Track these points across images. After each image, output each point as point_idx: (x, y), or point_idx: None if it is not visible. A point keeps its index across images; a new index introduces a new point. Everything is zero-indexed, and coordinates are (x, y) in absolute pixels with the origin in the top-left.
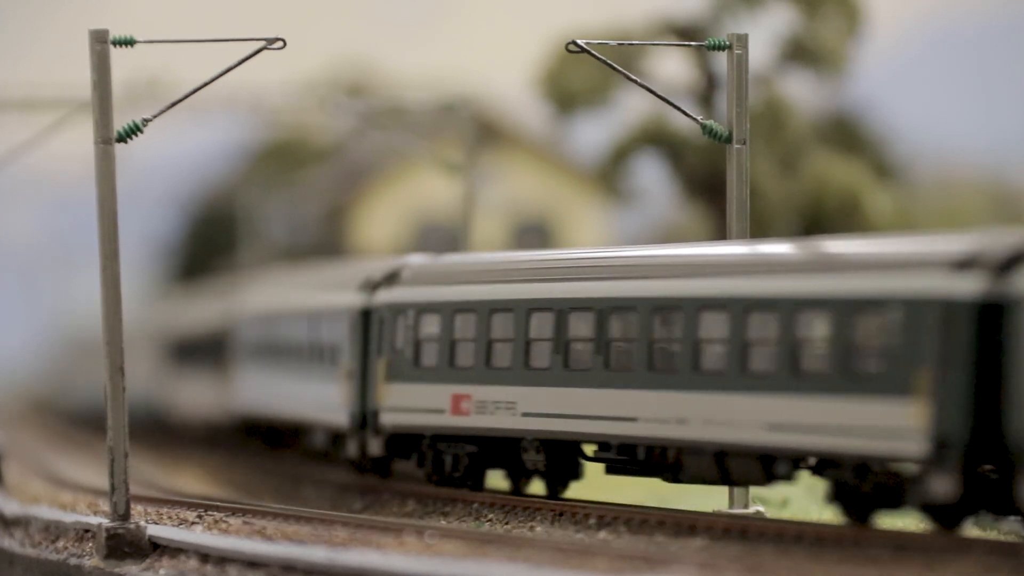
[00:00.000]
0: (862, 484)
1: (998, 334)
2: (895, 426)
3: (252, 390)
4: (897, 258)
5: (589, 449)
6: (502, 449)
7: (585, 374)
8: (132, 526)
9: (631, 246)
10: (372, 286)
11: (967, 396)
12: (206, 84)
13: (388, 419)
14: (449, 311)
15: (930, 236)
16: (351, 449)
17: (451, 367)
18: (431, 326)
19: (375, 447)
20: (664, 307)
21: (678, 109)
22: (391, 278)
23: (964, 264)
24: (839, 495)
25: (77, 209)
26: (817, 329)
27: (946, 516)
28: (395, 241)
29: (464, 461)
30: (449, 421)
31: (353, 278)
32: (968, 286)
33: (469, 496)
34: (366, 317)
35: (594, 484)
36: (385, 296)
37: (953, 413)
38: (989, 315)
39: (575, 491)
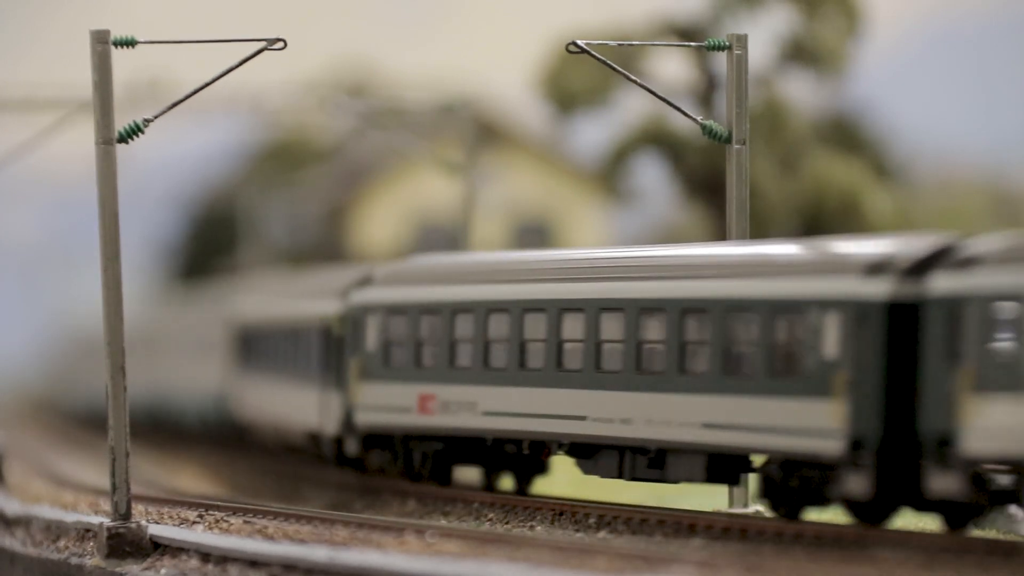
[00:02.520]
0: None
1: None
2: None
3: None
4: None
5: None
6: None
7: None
8: (133, 525)
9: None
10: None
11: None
12: (207, 85)
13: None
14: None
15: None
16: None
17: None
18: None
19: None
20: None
21: (678, 109)
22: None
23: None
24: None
25: (78, 209)
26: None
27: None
28: (395, 241)
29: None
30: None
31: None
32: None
33: (469, 496)
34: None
35: (595, 484)
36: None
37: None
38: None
39: (575, 491)
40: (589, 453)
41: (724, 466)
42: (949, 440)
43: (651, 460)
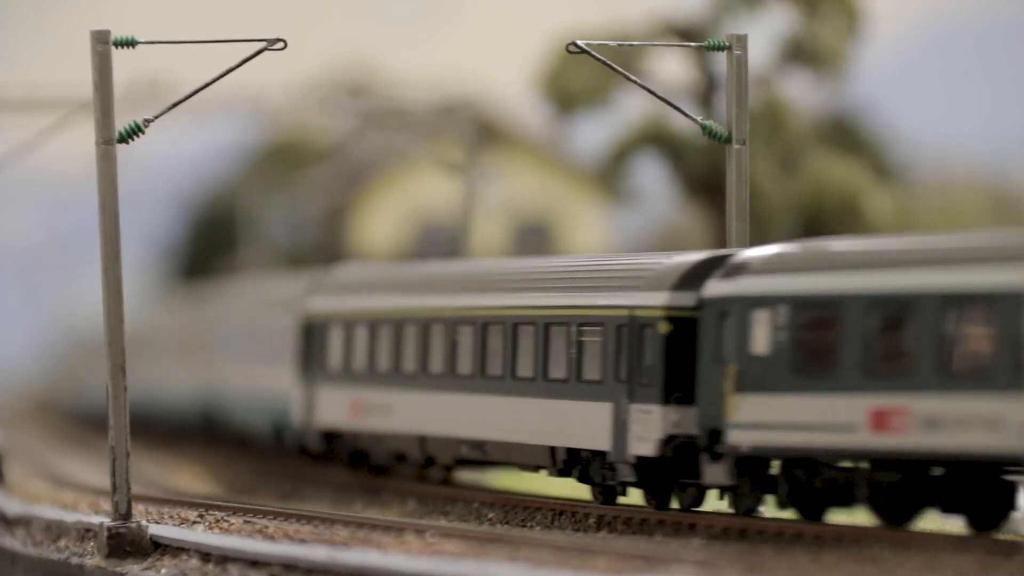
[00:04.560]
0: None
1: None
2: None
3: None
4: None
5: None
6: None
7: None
8: (133, 525)
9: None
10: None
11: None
12: (207, 85)
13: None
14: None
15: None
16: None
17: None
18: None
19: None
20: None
21: (678, 109)
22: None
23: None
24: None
25: (78, 210)
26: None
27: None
28: (395, 241)
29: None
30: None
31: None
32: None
33: (470, 496)
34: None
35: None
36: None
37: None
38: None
39: (575, 491)
40: None
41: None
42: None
43: None
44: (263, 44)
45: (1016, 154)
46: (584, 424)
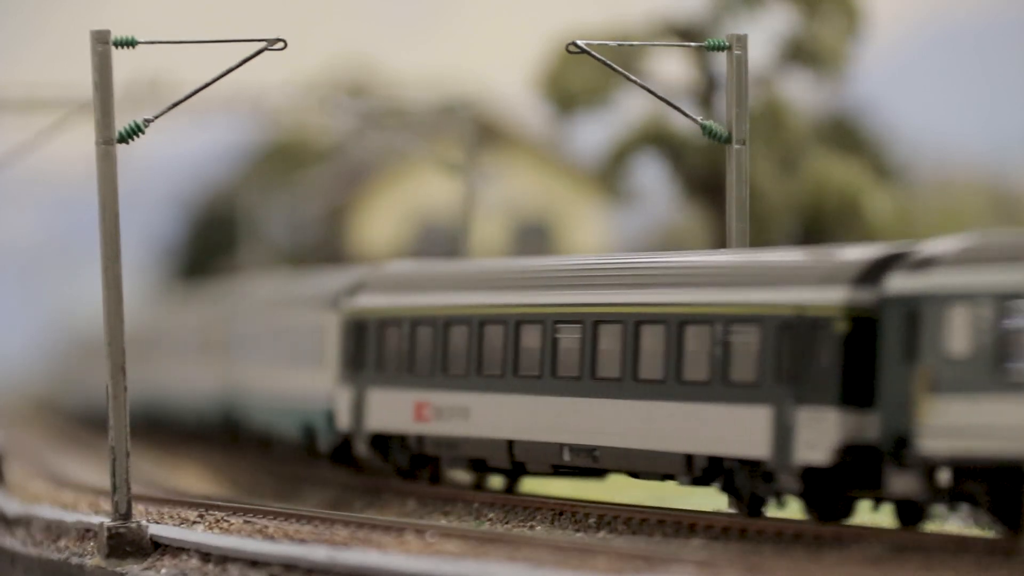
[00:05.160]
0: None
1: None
2: None
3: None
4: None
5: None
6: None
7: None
8: (133, 525)
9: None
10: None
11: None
12: (207, 85)
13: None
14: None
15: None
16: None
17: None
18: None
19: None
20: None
21: (678, 109)
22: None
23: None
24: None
25: (78, 209)
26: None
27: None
28: (395, 241)
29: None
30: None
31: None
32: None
33: (469, 496)
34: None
35: (594, 484)
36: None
37: None
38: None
39: (575, 491)
40: None
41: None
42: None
43: None
44: (263, 44)
45: (1016, 154)
46: (732, 430)
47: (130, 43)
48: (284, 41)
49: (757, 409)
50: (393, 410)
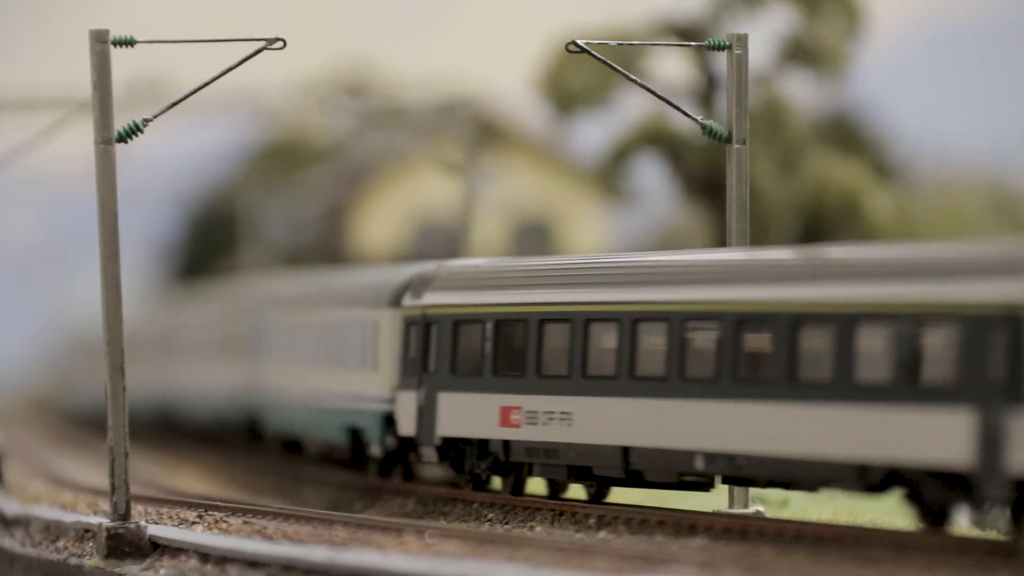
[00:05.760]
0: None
1: None
2: None
3: None
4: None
5: None
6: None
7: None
8: (132, 526)
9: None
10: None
11: None
12: (206, 84)
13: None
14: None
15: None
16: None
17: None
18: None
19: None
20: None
21: (678, 109)
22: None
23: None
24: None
25: (77, 209)
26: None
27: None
28: (395, 241)
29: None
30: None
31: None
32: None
33: (469, 496)
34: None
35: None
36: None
37: None
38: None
39: (575, 491)
40: None
41: None
42: None
43: None
44: (262, 44)
45: (1016, 154)
46: (922, 436)
47: (129, 42)
48: (283, 40)
49: (956, 415)
50: (471, 414)
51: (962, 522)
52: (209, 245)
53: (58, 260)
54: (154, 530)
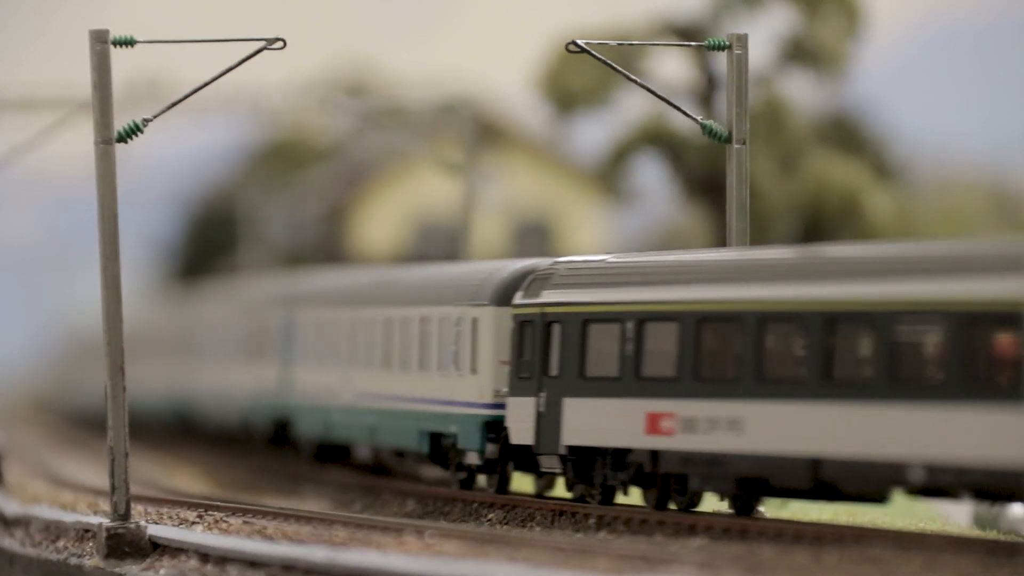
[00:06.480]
0: None
1: None
2: None
3: None
4: None
5: None
6: None
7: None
8: (132, 526)
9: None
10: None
11: None
12: (206, 84)
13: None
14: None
15: None
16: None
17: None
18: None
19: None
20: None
21: (678, 109)
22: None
23: None
24: None
25: (77, 209)
26: None
27: None
28: (395, 241)
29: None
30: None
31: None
32: None
33: (469, 496)
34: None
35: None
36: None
37: None
38: None
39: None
40: None
41: None
42: None
43: None
44: (262, 43)
45: (1016, 154)
46: None
47: (129, 42)
48: (283, 40)
49: None
50: (607, 422)
51: (962, 522)
52: (209, 245)
53: (58, 260)
54: (154, 530)
